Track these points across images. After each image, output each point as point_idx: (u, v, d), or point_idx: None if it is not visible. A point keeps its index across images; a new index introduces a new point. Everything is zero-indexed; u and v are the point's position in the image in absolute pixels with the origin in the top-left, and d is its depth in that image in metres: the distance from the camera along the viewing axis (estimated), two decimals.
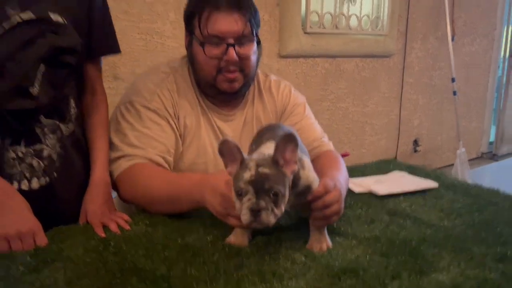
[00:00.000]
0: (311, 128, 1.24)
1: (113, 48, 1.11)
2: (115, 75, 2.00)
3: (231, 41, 1.05)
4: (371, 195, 1.19)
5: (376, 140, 3.35)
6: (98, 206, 0.99)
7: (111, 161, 1.08)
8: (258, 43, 1.13)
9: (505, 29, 4.11)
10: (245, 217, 0.75)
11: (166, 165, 1.09)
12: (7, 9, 0.89)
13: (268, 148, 0.82)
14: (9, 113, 0.91)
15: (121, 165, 1.06)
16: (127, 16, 2.06)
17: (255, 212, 0.74)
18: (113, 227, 0.94)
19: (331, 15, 2.84)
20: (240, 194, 0.76)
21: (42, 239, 0.88)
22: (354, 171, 1.36)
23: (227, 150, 0.80)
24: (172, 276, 0.76)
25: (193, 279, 0.75)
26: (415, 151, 3.64)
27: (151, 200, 1.01)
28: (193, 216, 1.01)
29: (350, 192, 1.19)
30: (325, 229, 0.89)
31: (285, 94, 1.25)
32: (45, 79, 0.93)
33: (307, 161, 0.88)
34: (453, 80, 3.38)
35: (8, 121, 0.91)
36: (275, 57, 2.69)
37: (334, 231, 0.95)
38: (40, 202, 0.95)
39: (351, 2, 2.89)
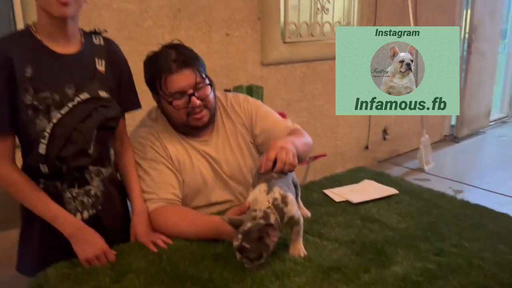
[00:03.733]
0: (277, 124, 1.52)
1: (136, 104, 1.41)
2: None
3: (190, 91, 1.34)
4: (347, 203, 1.53)
5: (349, 132, 3.72)
6: (144, 229, 1.30)
7: None
8: (209, 82, 1.40)
9: (463, 24, 4.51)
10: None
11: (177, 198, 1.39)
12: (66, 89, 1.18)
13: (261, 192, 1.13)
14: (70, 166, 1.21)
15: (148, 208, 1.35)
16: (129, 42, 2.32)
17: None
18: (161, 243, 1.25)
19: (307, 24, 3.14)
20: None
21: (111, 256, 1.19)
22: (333, 181, 1.71)
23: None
24: (214, 279, 1.09)
25: (229, 281, 1.08)
26: (384, 139, 4.04)
27: (178, 236, 1.28)
28: None
29: (331, 201, 1.55)
30: (301, 241, 1.20)
31: (245, 106, 1.52)
32: (96, 141, 1.23)
33: (290, 197, 1.15)
34: None
35: (67, 171, 1.21)
36: (258, 65, 2.99)
37: (323, 235, 1.30)
38: None
39: (324, 12, 3.20)
